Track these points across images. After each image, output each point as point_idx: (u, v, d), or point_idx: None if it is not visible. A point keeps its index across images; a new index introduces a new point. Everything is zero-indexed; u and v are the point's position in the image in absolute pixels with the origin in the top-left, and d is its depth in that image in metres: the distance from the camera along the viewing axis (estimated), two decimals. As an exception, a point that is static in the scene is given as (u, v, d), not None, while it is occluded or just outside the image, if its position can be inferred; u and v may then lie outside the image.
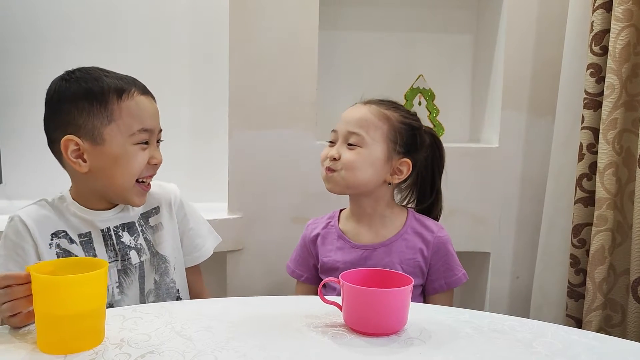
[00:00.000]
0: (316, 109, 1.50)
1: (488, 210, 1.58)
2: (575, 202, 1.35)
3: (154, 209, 1.06)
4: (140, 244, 1.02)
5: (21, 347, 0.70)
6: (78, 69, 0.96)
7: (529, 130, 1.56)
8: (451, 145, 1.35)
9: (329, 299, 0.82)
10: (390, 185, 1.13)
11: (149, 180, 1.01)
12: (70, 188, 1.01)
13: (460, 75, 1.72)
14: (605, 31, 1.28)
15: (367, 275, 0.82)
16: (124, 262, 1.00)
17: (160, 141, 1.02)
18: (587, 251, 1.32)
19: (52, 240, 0.95)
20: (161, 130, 1.02)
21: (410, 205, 1.20)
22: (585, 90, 1.32)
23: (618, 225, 1.30)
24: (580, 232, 1.35)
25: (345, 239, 1.14)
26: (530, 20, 1.52)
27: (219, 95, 1.59)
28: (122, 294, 0.99)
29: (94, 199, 0.99)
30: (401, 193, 1.19)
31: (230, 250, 1.52)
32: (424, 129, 1.15)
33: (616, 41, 1.24)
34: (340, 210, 1.20)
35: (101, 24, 1.61)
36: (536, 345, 0.73)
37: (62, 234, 0.96)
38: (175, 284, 1.06)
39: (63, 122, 0.94)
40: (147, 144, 0.98)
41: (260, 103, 1.49)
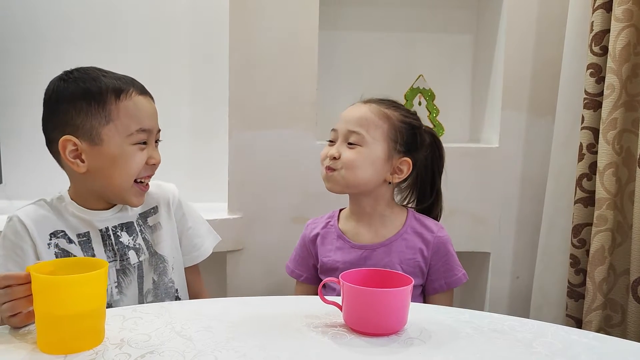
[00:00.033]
0: (316, 109, 1.50)
1: (488, 210, 1.58)
2: (575, 202, 1.35)
3: (153, 208, 1.06)
4: (139, 244, 1.02)
5: (21, 347, 0.70)
6: (76, 69, 0.96)
7: (529, 130, 1.56)
8: (451, 145, 1.35)
9: (329, 299, 0.82)
10: (390, 185, 1.13)
11: (148, 181, 1.01)
12: (68, 188, 1.01)
13: (460, 75, 1.72)
14: (605, 31, 1.28)
15: (367, 275, 0.82)
16: (122, 262, 1.00)
17: (158, 141, 1.02)
18: (587, 251, 1.32)
19: (51, 240, 0.95)
20: (159, 130, 1.01)
21: (410, 205, 1.20)
22: (585, 90, 1.32)
23: (618, 225, 1.30)
24: (580, 232, 1.35)
25: (345, 238, 1.14)
26: (530, 20, 1.52)
27: (219, 95, 1.59)
28: (121, 294, 0.99)
29: (92, 199, 0.99)
30: (401, 193, 1.19)
31: (230, 250, 1.52)
32: (424, 128, 1.15)
33: (616, 41, 1.24)
34: (340, 209, 1.20)
35: (101, 24, 1.61)
36: (536, 345, 0.73)
37: (61, 233, 0.96)
38: (174, 284, 1.06)
39: (61, 122, 0.94)
40: (146, 144, 0.97)
41: (260, 103, 1.49)
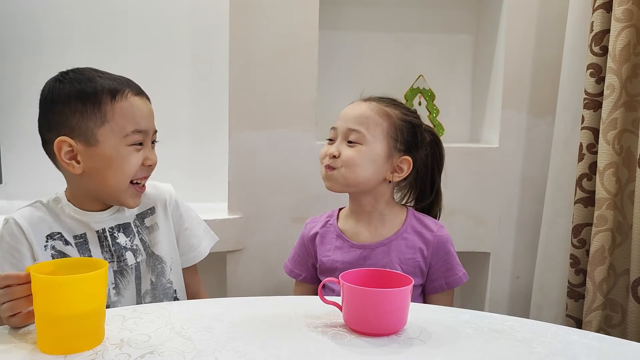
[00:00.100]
0: (316, 109, 1.50)
1: (488, 210, 1.58)
2: (575, 202, 1.35)
3: (149, 209, 1.06)
4: (136, 245, 1.02)
5: (21, 347, 0.70)
6: (72, 70, 0.96)
7: (529, 130, 1.56)
8: (451, 145, 1.35)
9: (328, 299, 0.82)
10: (390, 184, 1.12)
11: (144, 182, 1.00)
12: (65, 189, 1.01)
13: (460, 75, 1.72)
14: (605, 31, 1.28)
15: (367, 275, 0.82)
16: (119, 263, 1.00)
17: (155, 142, 1.01)
18: (587, 251, 1.32)
19: (47, 242, 0.95)
20: (156, 131, 1.01)
21: (410, 204, 1.20)
22: (585, 91, 1.32)
23: (618, 225, 1.30)
24: (580, 232, 1.35)
25: (344, 238, 1.13)
26: (530, 20, 1.52)
27: (219, 95, 1.59)
28: (119, 295, 0.99)
29: (89, 200, 0.99)
30: (400, 191, 1.18)
31: (230, 251, 1.52)
32: (424, 126, 1.15)
33: (616, 41, 1.24)
34: (340, 209, 1.20)
35: (101, 24, 1.61)
36: (536, 345, 0.73)
37: (57, 235, 0.96)
38: (172, 285, 1.06)
39: (56, 123, 0.93)
40: (142, 145, 0.97)
41: (260, 103, 1.49)
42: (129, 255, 1.00)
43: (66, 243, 0.96)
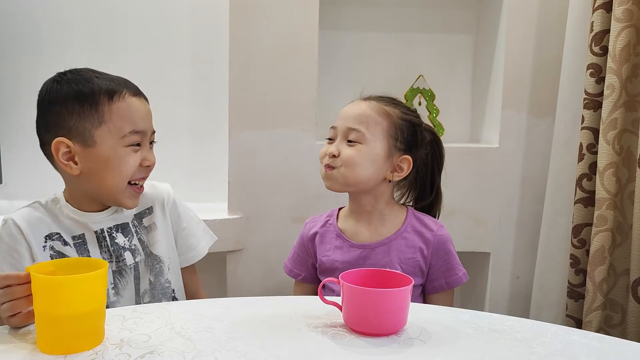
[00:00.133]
0: (316, 109, 1.50)
1: (488, 210, 1.58)
2: (575, 203, 1.35)
3: (147, 209, 1.06)
4: (135, 245, 1.02)
5: (21, 347, 0.70)
6: (69, 71, 0.95)
7: (529, 130, 1.55)
8: (451, 145, 1.35)
9: (328, 299, 0.82)
10: (390, 183, 1.12)
11: (142, 183, 1.00)
12: (64, 190, 1.01)
13: (460, 75, 1.72)
14: (605, 31, 1.28)
15: (367, 275, 0.82)
16: (118, 263, 1.00)
17: (153, 142, 1.01)
18: (587, 251, 1.32)
19: (46, 242, 0.95)
20: (154, 131, 1.00)
21: (409, 203, 1.20)
22: (585, 91, 1.32)
23: (618, 225, 1.30)
24: (580, 232, 1.35)
25: (344, 237, 1.13)
26: (530, 20, 1.52)
27: (219, 95, 1.59)
28: (118, 295, 0.99)
29: (87, 201, 0.99)
30: (399, 190, 1.18)
31: (230, 251, 1.52)
32: (424, 125, 1.14)
33: (616, 41, 1.24)
34: (339, 208, 1.20)
35: (101, 24, 1.61)
36: (536, 345, 0.73)
37: (56, 236, 0.96)
38: (171, 284, 1.06)
39: (54, 124, 0.93)
40: (139, 145, 0.96)
41: (260, 103, 1.49)
42: (127, 256, 1.00)
43: (65, 243, 0.96)
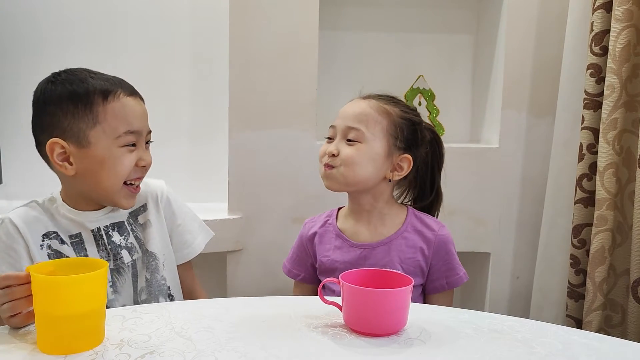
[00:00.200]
0: (316, 109, 1.50)
1: (488, 210, 1.58)
2: (575, 203, 1.35)
3: (142, 206, 1.06)
4: (131, 243, 1.02)
5: (21, 347, 0.70)
6: (64, 71, 0.95)
7: (529, 131, 1.56)
8: (451, 145, 1.35)
9: (328, 299, 0.82)
10: (390, 182, 1.11)
11: (138, 183, 1.00)
12: (60, 189, 1.01)
13: (460, 75, 1.72)
14: (605, 31, 1.28)
15: (367, 275, 0.82)
16: (116, 262, 1.00)
17: (149, 142, 1.01)
18: (587, 251, 1.32)
19: (43, 241, 0.95)
20: (150, 131, 1.00)
21: (408, 203, 1.19)
22: (585, 91, 1.32)
23: (618, 225, 1.30)
24: (581, 233, 1.35)
25: (344, 237, 1.13)
26: (530, 20, 1.52)
27: (219, 95, 1.59)
28: (116, 293, 0.99)
29: (83, 201, 0.99)
30: (399, 189, 1.17)
31: (230, 251, 1.52)
32: (424, 124, 1.14)
33: (616, 41, 1.24)
34: (339, 208, 1.19)
35: (101, 24, 1.61)
36: (536, 345, 0.73)
37: (53, 235, 0.96)
38: (166, 281, 1.05)
39: (48, 125, 0.93)
40: (135, 145, 0.96)
41: (260, 103, 1.49)
42: (124, 254, 1.01)
43: (62, 242, 0.96)
